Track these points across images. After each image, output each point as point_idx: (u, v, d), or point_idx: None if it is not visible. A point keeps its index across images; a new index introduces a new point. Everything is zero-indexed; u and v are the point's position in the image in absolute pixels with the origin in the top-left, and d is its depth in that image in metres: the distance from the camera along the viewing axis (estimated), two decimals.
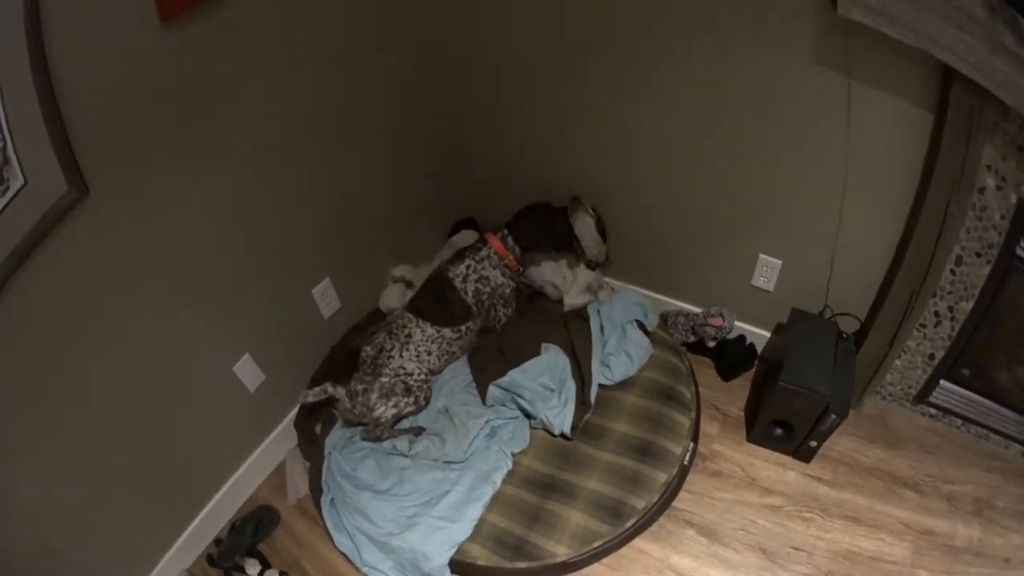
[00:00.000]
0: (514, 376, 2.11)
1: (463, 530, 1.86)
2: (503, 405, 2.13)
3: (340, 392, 2.08)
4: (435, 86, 2.28)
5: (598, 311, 2.28)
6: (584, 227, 2.23)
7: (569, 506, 1.88)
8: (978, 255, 1.75)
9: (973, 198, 1.67)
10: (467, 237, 2.55)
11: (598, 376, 2.12)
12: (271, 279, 1.98)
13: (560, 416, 2.02)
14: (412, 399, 2.11)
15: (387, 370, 2.07)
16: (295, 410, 2.23)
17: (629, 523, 1.84)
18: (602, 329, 2.24)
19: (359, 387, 2.07)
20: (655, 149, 2.04)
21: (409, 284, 2.45)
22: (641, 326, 2.25)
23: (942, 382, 2.05)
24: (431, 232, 2.66)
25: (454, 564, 1.84)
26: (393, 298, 2.40)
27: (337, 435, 2.15)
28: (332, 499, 2.03)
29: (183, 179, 1.61)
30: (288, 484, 2.17)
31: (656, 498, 1.89)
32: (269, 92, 1.75)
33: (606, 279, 2.46)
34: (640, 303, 2.34)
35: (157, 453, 1.81)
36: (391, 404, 2.07)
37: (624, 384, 2.15)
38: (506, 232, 2.26)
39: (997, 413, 2.03)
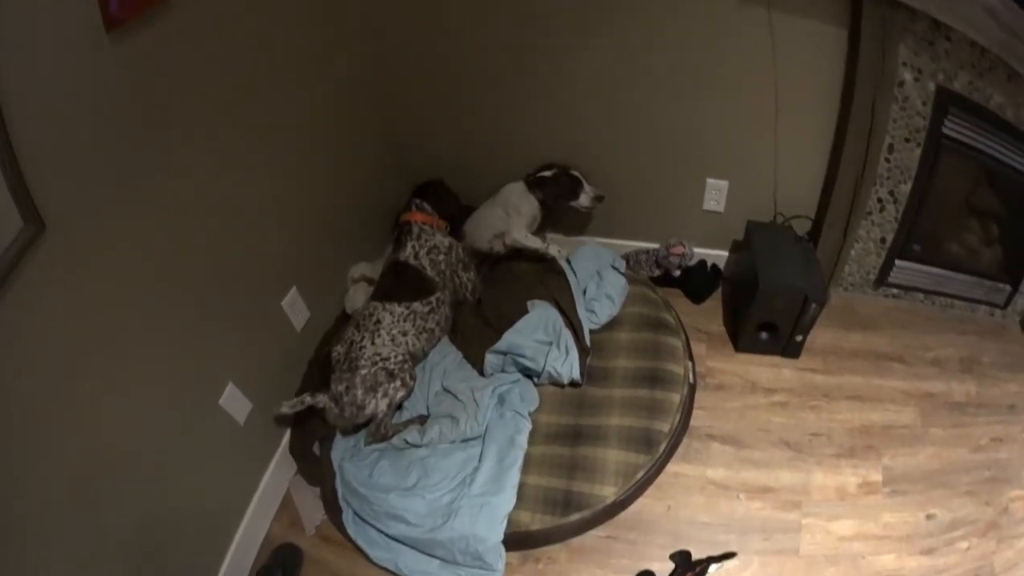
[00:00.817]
0: (510, 338, 2.11)
1: (507, 500, 1.83)
2: (503, 371, 2.13)
3: (322, 399, 1.98)
4: (380, 88, 2.28)
5: (570, 264, 2.33)
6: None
7: (602, 447, 1.92)
8: (907, 140, 2.00)
9: (895, 92, 1.90)
10: None
11: (587, 322, 2.17)
12: (240, 298, 1.83)
13: (567, 364, 2.05)
14: (398, 382, 2.03)
15: (362, 361, 1.99)
16: (287, 436, 2.08)
17: (662, 447, 1.92)
18: (578, 278, 2.29)
19: (340, 388, 1.97)
20: (596, 102, 2.15)
21: (370, 282, 2.37)
22: (615, 269, 2.33)
23: (897, 262, 2.30)
24: (381, 228, 2.60)
25: (508, 539, 1.82)
26: (358, 299, 2.32)
27: (341, 446, 2.04)
28: (355, 514, 1.93)
29: (138, 203, 1.43)
30: (301, 515, 2.01)
31: (678, 418, 1.98)
32: (220, 101, 1.63)
33: (564, 237, 2.51)
34: (605, 251, 2.41)
35: (156, 523, 1.60)
36: (380, 395, 1.99)
37: (611, 324, 2.22)
38: (418, 202, 2.32)
39: (955, 280, 2.30)
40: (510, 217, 2.34)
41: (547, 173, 2.29)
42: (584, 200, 2.29)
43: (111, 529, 1.45)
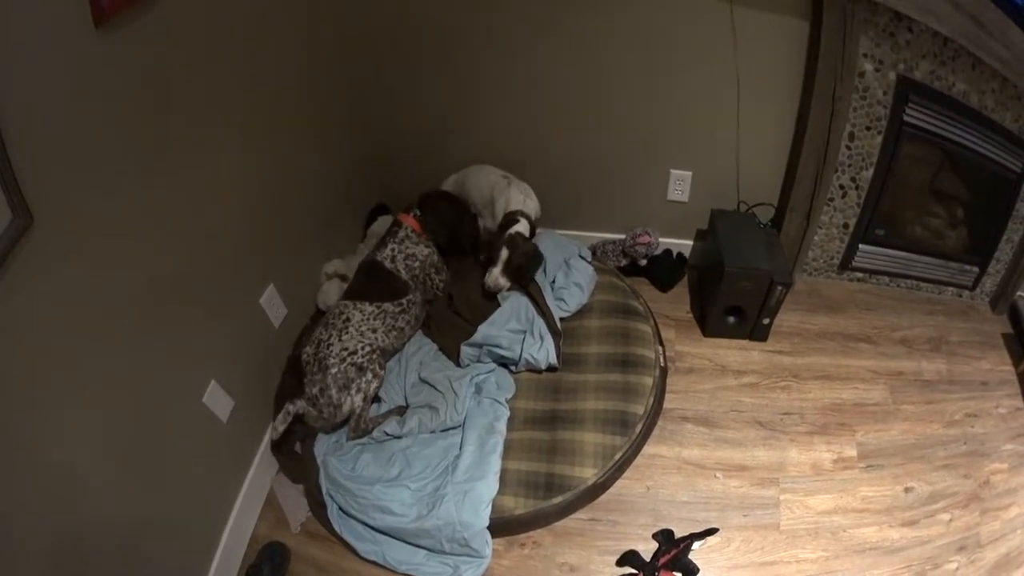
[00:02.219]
0: (484, 330, 2.15)
1: (490, 485, 1.86)
2: (478, 361, 2.16)
3: (300, 405, 2.01)
4: (352, 79, 2.32)
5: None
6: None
7: (579, 430, 1.96)
8: (868, 128, 2.08)
9: (855, 82, 1.98)
10: (384, 223, 2.57)
11: (556, 311, 2.22)
12: (220, 295, 1.85)
13: (543, 350, 2.09)
14: (369, 375, 2.04)
15: (331, 359, 1.99)
16: (268, 433, 2.09)
17: (638, 428, 1.97)
18: (545, 270, 2.34)
19: (314, 390, 1.99)
20: (560, 96, 2.21)
21: (343, 278, 2.39)
22: (582, 258, 2.39)
23: (861, 246, 2.38)
24: (352, 223, 2.65)
25: (496, 525, 1.84)
26: (331, 295, 2.34)
27: (324, 442, 2.05)
28: (340, 509, 1.94)
29: (123, 199, 1.45)
30: (286, 513, 2.02)
31: (651, 400, 2.03)
32: (204, 99, 1.67)
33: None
34: (570, 241, 2.46)
35: (143, 526, 1.59)
36: (354, 390, 2.01)
37: (581, 312, 2.28)
38: (419, 213, 2.30)
39: (920, 263, 2.38)
40: (512, 186, 2.30)
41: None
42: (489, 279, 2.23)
43: (94, 534, 1.44)
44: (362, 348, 2.05)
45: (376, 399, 2.12)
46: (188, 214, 1.67)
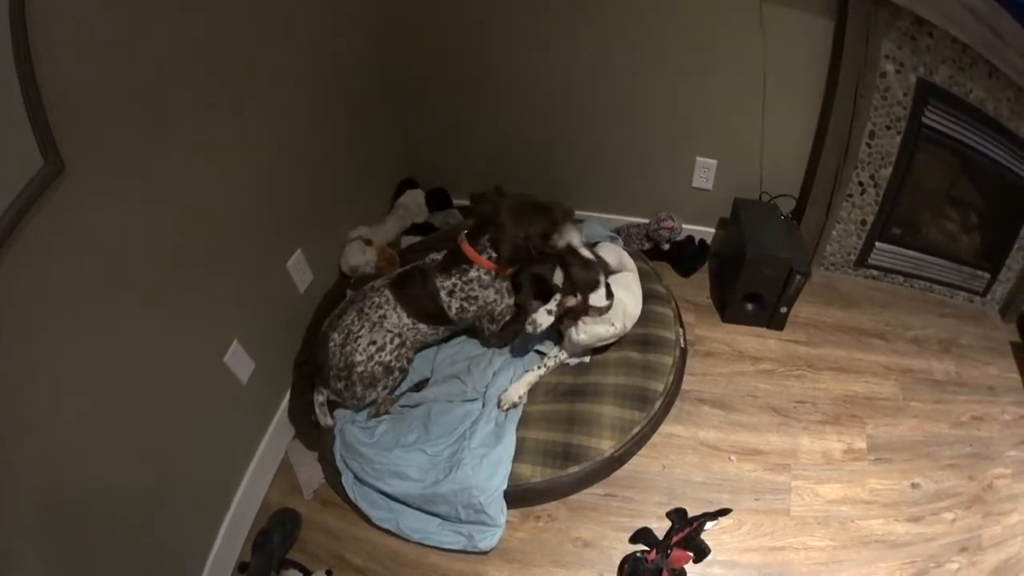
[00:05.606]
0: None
1: (507, 449, 1.87)
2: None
3: (327, 394, 2.02)
4: (384, 61, 2.36)
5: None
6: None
7: (599, 403, 1.97)
8: (888, 128, 2.11)
9: (877, 82, 2.01)
10: (413, 196, 2.61)
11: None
12: (248, 257, 1.86)
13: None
14: (397, 372, 2.00)
15: (358, 356, 1.91)
16: (286, 399, 2.11)
17: (656, 405, 1.98)
18: None
19: (339, 385, 1.96)
20: (594, 82, 2.25)
21: (368, 242, 2.40)
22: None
23: (877, 244, 2.40)
24: (382, 193, 2.68)
25: (512, 495, 1.85)
26: (354, 255, 2.35)
27: (342, 411, 2.05)
28: (355, 476, 1.94)
29: (157, 155, 1.46)
30: (300, 479, 2.02)
31: (670, 379, 2.04)
32: (241, 66, 1.69)
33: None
34: (600, 227, 2.50)
35: (155, 481, 1.58)
36: (380, 387, 1.99)
37: None
38: (486, 243, 1.98)
39: (934, 264, 2.41)
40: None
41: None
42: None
43: (105, 490, 1.43)
44: (391, 342, 1.96)
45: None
46: (217, 176, 1.68)
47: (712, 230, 2.57)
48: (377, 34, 2.31)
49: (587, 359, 2.11)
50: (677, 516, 1.86)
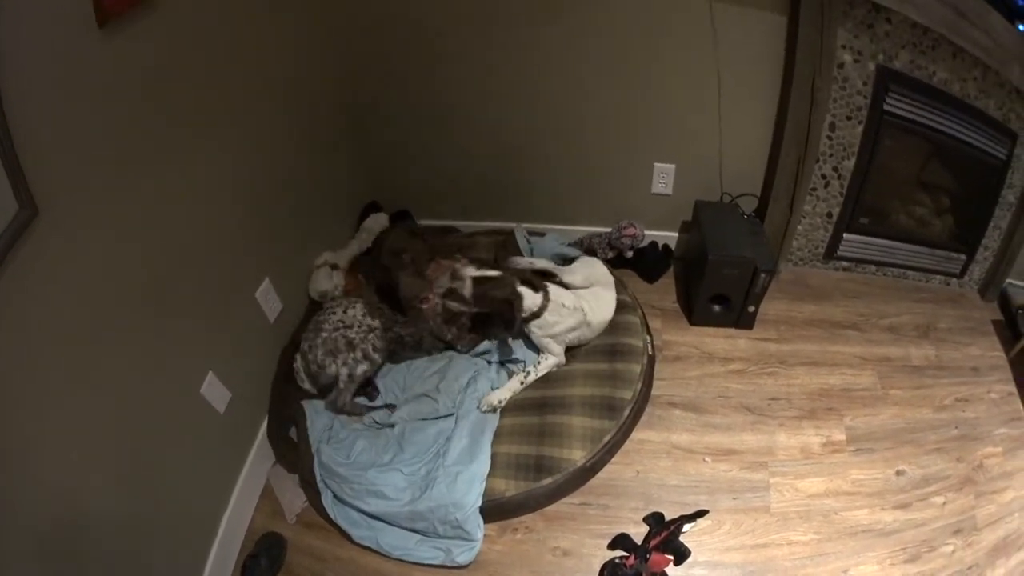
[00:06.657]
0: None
1: (481, 466, 1.90)
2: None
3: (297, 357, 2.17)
4: (343, 82, 2.40)
5: (531, 250, 2.44)
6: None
7: (568, 414, 1.99)
8: (849, 118, 2.12)
9: (834, 73, 2.02)
10: (377, 220, 2.65)
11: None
12: (218, 289, 1.90)
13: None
14: (359, 353, 2.11)
15: (327, 325, 2.12)
16: (264, 426, 2.14)
17: (625, 413, 2.00)
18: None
19: (305, 345, 2.14)
20: (543, 92, 2.28)
21: (334, 266, 2.45)
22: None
23: (845, 235, 2.41)
24: (346, 218, 2.72)
25: (488, 509, 1.87)
26: (321, 281, 2.39)
27: (318, 428, 2.09)
28: (334, 496, 1.98)
29: (125, 192, 1.51)
30: (282, 503, 2.06)
31: (639, 387, 2.06)
32: (202, 96, 1.73)
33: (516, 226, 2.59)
34: (555, 242, 2.54)
35: (143, 518, 1.62)
36: (339, 361, 2.09)
37: None
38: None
39: (906, 250, 2.41)
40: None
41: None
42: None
43: (92, 525, 1.46)
44: (358, 324, 2.14)
45: (364, 383, 2.17)
46: (186, 209, 1.72)
47: (675, 234, 2.59)
48: (336, 64, 2.36)
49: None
50: (654, 520, 1.88)
